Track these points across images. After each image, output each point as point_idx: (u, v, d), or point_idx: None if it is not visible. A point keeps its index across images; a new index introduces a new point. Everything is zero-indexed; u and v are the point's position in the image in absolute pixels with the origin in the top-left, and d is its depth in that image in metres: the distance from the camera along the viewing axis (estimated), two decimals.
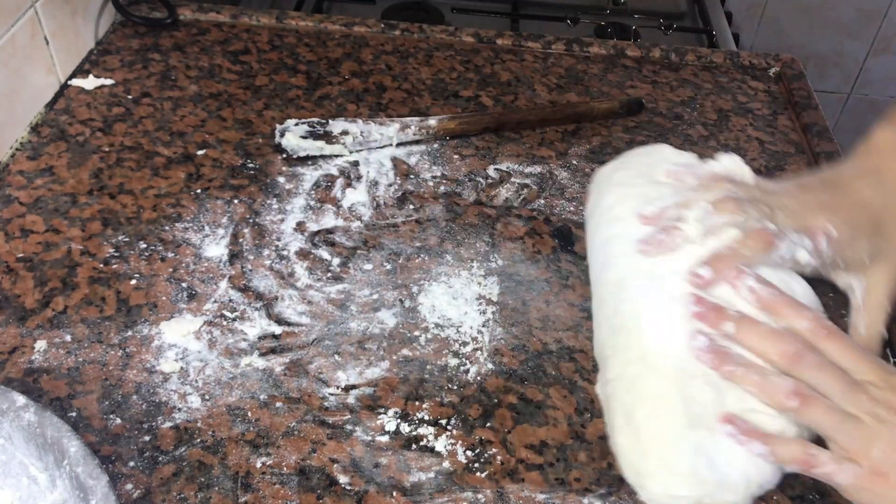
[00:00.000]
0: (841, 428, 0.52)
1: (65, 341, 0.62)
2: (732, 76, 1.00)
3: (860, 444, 0.51)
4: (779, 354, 0.54)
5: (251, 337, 0.64)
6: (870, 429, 0.51)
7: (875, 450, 0.50)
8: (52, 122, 0.82)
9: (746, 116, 0.93)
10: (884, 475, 0.50)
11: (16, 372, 0.60)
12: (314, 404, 0.59)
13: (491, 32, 1.02)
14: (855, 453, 0.51)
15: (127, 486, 0.54)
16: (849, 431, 0.51)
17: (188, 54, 0.94)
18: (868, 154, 0.66)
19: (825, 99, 1.76)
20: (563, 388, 0.62)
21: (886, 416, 0.51)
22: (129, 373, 0.60)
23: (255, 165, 0.79)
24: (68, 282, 0.66)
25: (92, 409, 0.58)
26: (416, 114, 0.87)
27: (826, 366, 0.54)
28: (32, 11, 0.81)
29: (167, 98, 0.87)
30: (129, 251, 0.69)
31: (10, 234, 0.70)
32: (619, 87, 0.95)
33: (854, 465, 0.51)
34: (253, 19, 1.01)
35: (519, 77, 0.95)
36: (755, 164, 0.86)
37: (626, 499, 0.56)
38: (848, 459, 0.51)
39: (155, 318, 0.64)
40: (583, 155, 0.85)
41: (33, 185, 0.75)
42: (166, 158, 0.79)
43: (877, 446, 0.50)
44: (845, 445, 0.51)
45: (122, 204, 0.74)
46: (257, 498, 0.54)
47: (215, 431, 0.57)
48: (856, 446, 0.51)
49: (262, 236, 0.72)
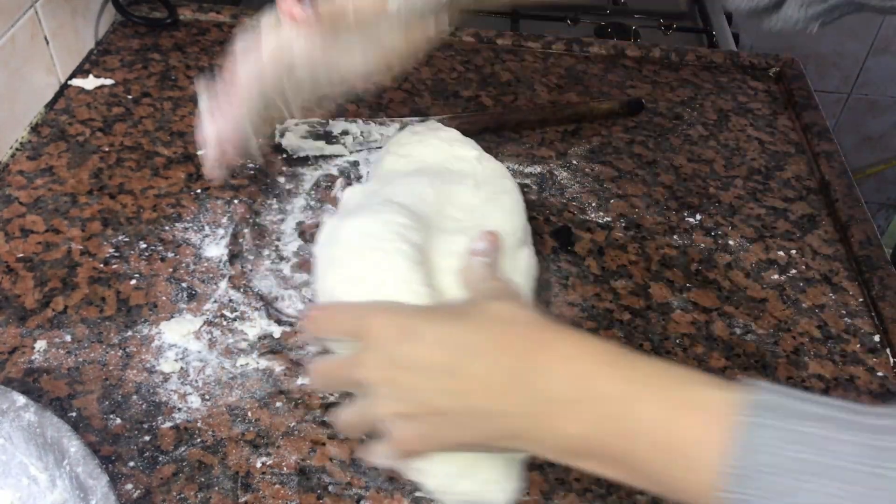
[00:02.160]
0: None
1: (65, 341, 0.62)
2: (732, 76, 1.00)
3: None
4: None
5: (251, 337, 0.64)
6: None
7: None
8: (52, 122, 0.82)
9: (746, 116, 0.93)
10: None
11: (16, 372, 0.60)
12: (314, 404, 0.59)
13: (491, 32, 1.02)
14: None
15: (127, 485, 0.54)
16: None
17: (188, 54, 0.94)
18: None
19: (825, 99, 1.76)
20: None
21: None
22: (129, 373, 0.60)
23: (255, 165, 0.79)
24: (68, 282, 0.66)
25: (92, 409, 0.58)
26: (416, 114, 0.87)
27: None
28: (32, 11, 0.81)
29: (167, 98, 0.87)
30: (129, 251, 0.69)
31: (10, 234, 0.70)
32: (619, 87, 0.95)
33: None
34: (253, 19, 1.00)
35: (519, 77, 0.95)
36: (755, 163, 0.86)
37: (626, 499, 0.56)
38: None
39: (155, 318, 0.64)
40: (583, 155, 0.85)
41: (33, 185, 0.75)
42: (166, 158, 0.79)
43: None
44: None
45: (122, 204, 0.74)
46: (257, 498, 0.54)
47: (215, 431, 0.57)
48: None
49: (262, 236, 0.72)
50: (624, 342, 0.66)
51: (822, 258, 0.76)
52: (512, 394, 0.44)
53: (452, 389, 0.45)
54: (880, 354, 0.67)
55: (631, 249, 0.74)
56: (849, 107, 1.84)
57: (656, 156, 0.86)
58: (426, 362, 0.45)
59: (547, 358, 0.44)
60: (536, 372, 0.43)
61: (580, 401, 0.42)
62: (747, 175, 0.84)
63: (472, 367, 0.45)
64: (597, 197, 0.80)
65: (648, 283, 0.71)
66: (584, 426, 0.42)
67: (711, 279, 0.72)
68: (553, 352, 0.44)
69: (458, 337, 0.46)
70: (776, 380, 0.64)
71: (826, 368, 0.66)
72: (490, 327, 0.46)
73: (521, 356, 0.44)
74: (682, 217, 0.78)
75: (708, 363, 0.65)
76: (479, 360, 0.45)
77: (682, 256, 0.74)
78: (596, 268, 0.72)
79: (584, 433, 0.42)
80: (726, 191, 0.82)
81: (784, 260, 0.75)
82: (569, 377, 0.43)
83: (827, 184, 0.83)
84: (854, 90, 1.81)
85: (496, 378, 0.44)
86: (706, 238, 0.76)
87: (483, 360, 0.45)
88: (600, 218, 0.77)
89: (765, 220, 0.79)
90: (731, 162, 0.86)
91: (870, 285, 0.72)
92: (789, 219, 0.80)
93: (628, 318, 0.68)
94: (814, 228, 0.79)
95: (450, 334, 0.46)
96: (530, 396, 0.43)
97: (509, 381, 0.44)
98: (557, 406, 0.43)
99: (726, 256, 0.75)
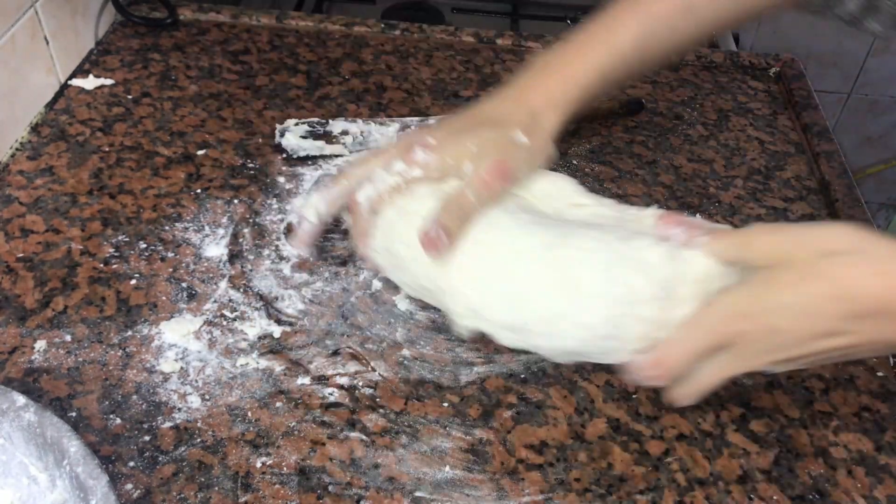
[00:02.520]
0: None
1: (65, 341, 0.62)
2: (732, 76, 1.00)
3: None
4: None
5: (251, 337, 0.64)
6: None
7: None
8: (52, 122, 0.82)
9: (746, 116, 0.93)
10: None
11: (16, 372, 0.60)
12: (314, 404, 0.59)
13: (491, 32, 1.02)
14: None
15: (127, 485, 0.54)
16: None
17: (188, 54, 0.94)
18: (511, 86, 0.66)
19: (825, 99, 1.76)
20: (563, 388, 0.62)
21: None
22: (129, 373, 0.60)
23: (255, 165, 0.79)
24: (68, 282, 0.66)
25: (92, 409, 0.58)
26: (416, 114, 0.87)
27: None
28: (32, 11, 0.81)
29: (167, 98, 0.87)
30: (129, 251, 0.69)
31: (10, 234, 0.70)
32: (619, 87, 0.95)
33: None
34: (253, 19, 1.01)
35: None
36: (755, 163, 0.86)
37: (626, 498, 0.56)
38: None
39: (155, 318, 0.64)
40: (583, 155, 0.85)
41: (33, 185, 0.75)
42: (166, 158, 0.79)
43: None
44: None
45: (122, 204, 0.74)
46: (257, 498, 0.54)
47: (215, 431, 0.57)
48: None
49: (262, 236, 0.72)
50: None
51: None
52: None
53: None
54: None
55: None
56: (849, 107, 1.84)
57: (656, 156, 0.86)
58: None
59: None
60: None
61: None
62: (747, 175, 0.84)
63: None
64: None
65: None
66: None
67: None
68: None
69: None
70: (776, 379, 0.64)
71: (826, 368, 0.66)
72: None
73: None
74: None
75: None
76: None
77: None
78: None
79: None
80: (726, 191, 0.82)
81: None
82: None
83: (827, 184, 0.83)
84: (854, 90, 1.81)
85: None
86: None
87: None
88: None
89: (765, 220, 0.79)
90: (731, 162, 0.86)
91: None
92: (789, 219, 0.79)
93: None
94: None
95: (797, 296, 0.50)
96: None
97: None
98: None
99: None
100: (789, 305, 0.50)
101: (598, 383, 0.63)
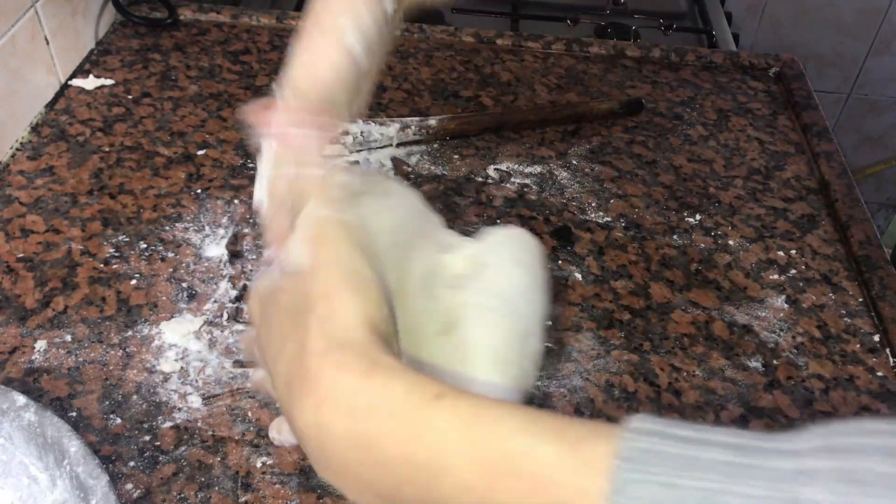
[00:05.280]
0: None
1: (65, 341, 0.62)
2: (732, 76, 1.00)
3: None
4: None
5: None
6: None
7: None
8: (52, 122, 0.82)
9: (746, 116, 0.93)
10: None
11: (16, 372, 0.60)
12: None
13: (491, 32, 1.02)
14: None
15: (127, 485, 0.54)
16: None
17: (188, 54, 0.94)
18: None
19: (825, 99, 1.76)
20: (563, 388, 0.62)
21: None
22: (130, 373, 0.60)
23: (255, 165, 0.79)
24: (68, 282, 0.66)
25: (92, 408, 0.58)
26: (416, 114, 0.87)
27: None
28: (33, 11, 0.81)
29: (167, 98, 0.87)
30: (129, 251, 0.70)
31: (11, 234, 0.70)
32: (619, 87, 0.95)
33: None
34: (253, 19, 1.01)
35: (519, 77, 0.95)
36: (755, 163, 0.86)
37: None
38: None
39: (155, 318, 0.64)
40: (583, 155, 0.85)
41: (33, 185, 0.75)
42: (166, 158, 0.79)
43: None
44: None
45: (122, 204, 0.74)
46: (257, 498, 0.54)
47: (215, 431, 0.57)
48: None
49: (262, 236, 0.72)
50: (624, 342, 0.66)
51: (822, 258, 0.76)
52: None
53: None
54: (880, 354, 0.67)
55: (631, 249, 0.74)
56: (849, 107, 1.84)
57: (656, 156, 0.86)
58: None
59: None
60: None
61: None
62: (747, 175, 0.84)
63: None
64: (597, 197, 0.80)
65: (648, 283, 0.71)
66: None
67: (711, 279, 0.72)
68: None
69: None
70: (776, 379, 0.64)
71: (826, 368, 0.66)
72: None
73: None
74: (681, 217, 0.78)
75: (708, 363, 0.65)
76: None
77: (681, 256, 0.74)
78: (596, 268, 0.72)
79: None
80: (726, 191, 0.82)
81: (784, 260, 0.75)
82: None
83: (827, 184, 0.83)
84: (854, 90, 1.81)
85: None
86: (706, 238, 0.76)
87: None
88: (600, 218, 0.77)
89: (765, 220, 0.79)
90: (730, 162, 0.86)
91: (869, 285, 0.72)
92: (789, 219, 0.80)
93: (628, 318, 0.68)
94: (814, 228, 0.79)
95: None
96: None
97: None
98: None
99: (726, 256, 0.75)
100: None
101: (598, 383, 0.63)
